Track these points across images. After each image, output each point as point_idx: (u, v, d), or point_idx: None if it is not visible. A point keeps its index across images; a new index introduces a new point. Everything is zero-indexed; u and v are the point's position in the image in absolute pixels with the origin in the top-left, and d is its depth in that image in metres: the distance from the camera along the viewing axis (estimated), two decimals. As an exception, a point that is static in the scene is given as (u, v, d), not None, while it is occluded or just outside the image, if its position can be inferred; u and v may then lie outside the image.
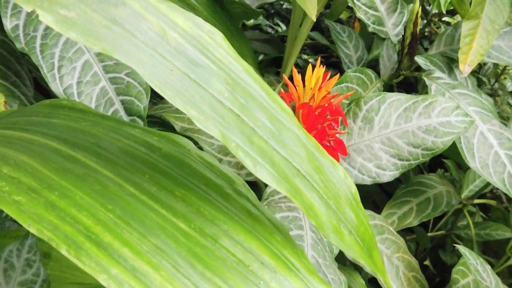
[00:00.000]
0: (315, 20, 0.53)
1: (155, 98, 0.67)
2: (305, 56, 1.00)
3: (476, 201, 0.75)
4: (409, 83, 1.02)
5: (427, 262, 0.72)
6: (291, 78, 0.55)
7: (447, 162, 0.80)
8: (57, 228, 0.32)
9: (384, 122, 0.58)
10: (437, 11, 0.92)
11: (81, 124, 0.40)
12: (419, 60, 0.66)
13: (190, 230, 0.35)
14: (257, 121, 0.35)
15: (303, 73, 0.53)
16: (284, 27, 1.07)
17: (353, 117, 0.58)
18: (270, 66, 1.10)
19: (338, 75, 0.53)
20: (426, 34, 1.10)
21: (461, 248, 0.58)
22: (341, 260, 0.63)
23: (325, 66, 0.53)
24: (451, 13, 0.90)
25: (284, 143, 0.35)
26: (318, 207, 0.35)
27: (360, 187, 0.50)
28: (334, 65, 1.01)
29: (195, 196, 0.36)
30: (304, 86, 0.53)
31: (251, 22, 1.06)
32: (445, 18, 1.03)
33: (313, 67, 0.52)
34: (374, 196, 0.84)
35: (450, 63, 0.69)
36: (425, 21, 1.00)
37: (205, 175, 0.38)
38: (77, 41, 0.29)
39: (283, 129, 0.36)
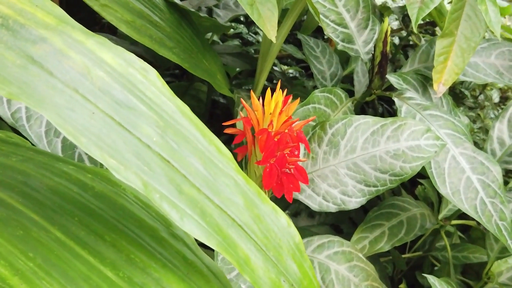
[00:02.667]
0: (275, 41, 0.50)
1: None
2: (284, 67, 0.97)
3: (454, 221, 0.72)
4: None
5: (402, 286, 0.69)
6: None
7: (423, 182, 0.77)
8: (-30, 281, 0.30)
9: (351, 146, 0.55)
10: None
11: (12, 159, 0.38)
12: (392, 78, 0.63)
13: (118, 280, 0.33)
14: (189, 167, 0.33)
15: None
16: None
17: (318, 141, 0.56)
18: (251, 76, 1.08)
19: (298, 100, 0.51)
20: (411, 43, 1.07)
21: (430, 278, 0.55)
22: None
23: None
24: (432, 24, 0.87)
25: (219, 190, 0.33)
26: (255, 260, 0.33)
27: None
28: (315, 76, 0.99)
29: (127, 241, 0.34)
30: (264, 110, 0.51)
31: (231, 31, 1.03)
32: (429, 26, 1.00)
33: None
34: (351, 213, 0.82)
35: (425, 81, 0.66)
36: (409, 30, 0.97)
37: (139, 217, 0.36)
38: (-19, 86, 0.27)
39: (219, 175, 0.34)
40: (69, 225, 0.34)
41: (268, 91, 0.50)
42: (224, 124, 0.50)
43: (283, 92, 0.51)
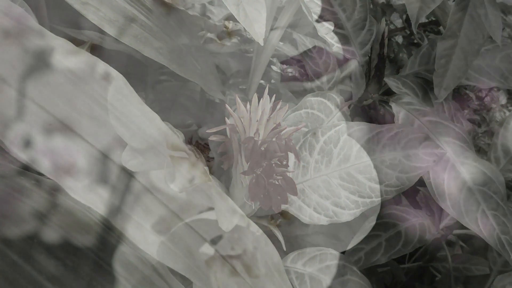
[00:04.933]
0: (262, 44, 0.47)
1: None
2: (284, 66, 0.94)
3: (456, 231, 0.69)
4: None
5: (400, 297, 0.66)
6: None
7: (424, 190, 0.74)
8: None
9: (344, 155, 0.52)
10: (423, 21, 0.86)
11: (-28, 172, 0.35)
12: (390, 82, 0.60)
13: (79, 309, 0.30)
14: (158, 182, 0.30)
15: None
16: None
17: (309, 149, 0.53)
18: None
19: (287, 106, 0.48)
20: (415, 41, 1.03)
21: (427, 295, 0.52)
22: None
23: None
24: (436, 23, 0.84)
25: (191, 208, 0.30)
26: (230, 285, 0.30)
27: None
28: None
29: (89, 266, 0.31)
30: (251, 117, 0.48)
31: (229, 29, 1.00)
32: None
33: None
34: (349, 220, 0.78)
35: (425, 85, 0.63)
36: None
37: (105, 239, 0.33)
38: None
39: (191, 191, 0.31)
40: (27, 248, 0.31)
41: (255, 96, 0.47)
42: (207, 131, 0.47)
43: (274, 96, 0.48)
